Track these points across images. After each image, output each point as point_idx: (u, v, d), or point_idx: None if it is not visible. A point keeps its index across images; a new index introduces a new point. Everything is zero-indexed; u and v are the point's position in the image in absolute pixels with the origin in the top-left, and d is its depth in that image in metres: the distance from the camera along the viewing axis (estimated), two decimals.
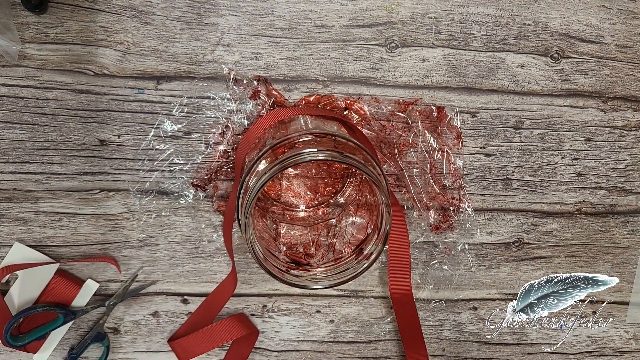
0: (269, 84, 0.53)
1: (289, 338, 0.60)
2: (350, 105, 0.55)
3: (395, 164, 0.56)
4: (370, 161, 0.45)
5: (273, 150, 0.44)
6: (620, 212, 0.61)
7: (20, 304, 0.55)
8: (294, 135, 0.45)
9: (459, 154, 0.57)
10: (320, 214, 0.57)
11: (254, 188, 0.42)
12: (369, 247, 0.48)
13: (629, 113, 0.58)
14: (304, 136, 0.45)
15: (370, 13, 0.53)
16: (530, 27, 0.55)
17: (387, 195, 0.44)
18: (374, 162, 0.45)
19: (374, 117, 0.55)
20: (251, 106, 0.54)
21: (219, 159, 0.55)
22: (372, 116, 0.55)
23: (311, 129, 0.46)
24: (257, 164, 0.44)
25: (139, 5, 0.51)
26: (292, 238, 0.55)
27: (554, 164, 0.59)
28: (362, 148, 0.45)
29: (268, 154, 0.44)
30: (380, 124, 0.55)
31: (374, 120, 0.55)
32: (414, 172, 0.57)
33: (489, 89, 0.56)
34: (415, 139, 0.56)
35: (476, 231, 0.59)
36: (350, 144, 0.45)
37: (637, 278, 0.62)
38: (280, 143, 0.44)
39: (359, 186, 0.56)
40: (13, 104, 0.52)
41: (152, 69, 0.53)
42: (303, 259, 0.53)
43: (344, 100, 0.54)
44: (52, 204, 0.54)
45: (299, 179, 0.57)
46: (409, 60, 0.55)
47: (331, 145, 0.44)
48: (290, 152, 0.43)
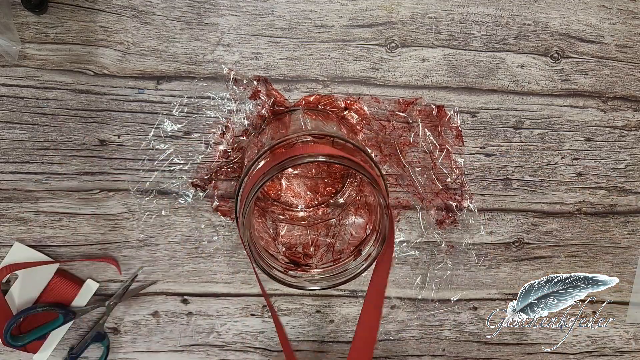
0: (268, 84, 0.53)
1: (289, 338, 0.60)
2: (350, 106, 0.55)
3: (397, 162, 0.56)
4: (368, 162, 0.45)
5: (272, 150, 0.44)
6: (620, 212, 0.61)
7: (20, 304, 0.55)
8: (293, 136, 0.45)
9: (459, 152, 0.57)
10: (320, 214, 0.57)
11: (252, 188, 0.42)
12: (368, 248, 0.48)
13: (629, 113, 0.58)
14: (303, 137, 0.45)
15: (370, 13, 0.53)
16: (530, 27, 0.55)
17: (385, 197, 0.44)
18: (372, 163, 0.45)
19: (374, 117, 0.55)
20: (251, 106, 0.54)
21: (219, 159, 0.55)
22: (372, 116, 0.55)
23: (310, 130, 0.46)
24: (255, 164, 0.44)
25: (139, 5, 0.51)
26: (291, 238, 0.55)
27: (554, 164, 0.59)
28: (361, 149, 0.45)
29: (267, 154, 0.44)
30: (380, 124, 0.55)
31: (374, 120, 0.55)
32: (416, 170, 0.57)
33: (489, 89, 0.56)
34: (416, 138, 0.56)
35: (480, 227, 0.59)
36: (349, 145, 0.45)
37: (637, 278, 0.62)
38: (279, 143, 0.44)
39: (358, 186, 0.56)
40: (13, 104, 0.52)
41: (152, 69, 0.53)
42: (302, 260, 0.53)
43: (344, 101, 0.54)
44: (52, 204, 0.54)
45: (299, 179, 0.57)
46: (409, 60, 0.55)
47: (330, 147, 0.44)
48: (289, 153, 0.42)
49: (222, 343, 0.60)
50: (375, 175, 0.44)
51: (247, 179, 0.44)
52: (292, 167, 0.43)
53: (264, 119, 0.54)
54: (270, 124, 0.53)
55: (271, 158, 0.44)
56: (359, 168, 0.43)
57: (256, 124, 0.54)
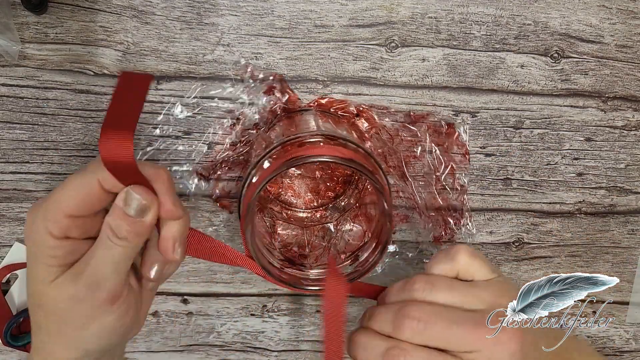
0: (284, 81, 0.53)
1: (289, 338, 0.60)
2: (362, 113, 0.54)
3: (401, 175, 0.56)
4: (377, 170, 0.45)
5: (283, 146, 0.44)
6: (620, 212, 0.61)
7: (20, 304, 0.55)
8: (306, 134, 0.44)
9: (464, 170, 0.57)
10: (318, 216, 0.57)
11: (260, 183, 0.42)
12: (365, 254, 0.48)
13: (629, 113, 0.58)
14: (315, 137, 0.44)
15: (370, 13, 0.53)
16: (530, 27, 0.55)
17: (390, 206, 0.44)
18: (381, 171, 0.45)
19: (384, 127, 0.55)
20: (264, 101, 0.54)
21: (225, 151, 0.54)
22: (382, 126, 0.55)
23: (323, 131, 0.46)
24: (264, 159, 0.44)
25: (139, 5, 0.51)
26: (287, 237, 0.55)
27: (554, 164, 0.59)
28: (371, 156, 0.45)
29: (277, 150, 0.44)
30: (389, 134, 0.55)
31: (383, 130, 0.55)
32: (419, 184, 0.57)
33: (489, 88, 0.56)
34: (423, 152, 0.56)
35: (483, 226, 0.59)
36: (360, 150, 0.45)
37: (637, 278, 0.62)
38: (290, 140, 0.44)
39: (359, 194, 0.56)
40: (13, 104, 0.52)
41: (152, 69, 0.53)
42: (297, 259, 0.53)
43: (357, 107, 0.54)
44: None
45: (301, 179, 0.57)
46: (409, 60, 0.55)
47: (343, 150, 0.44)
48: (300, 151, 0.42)
49: (222, 343, 0.60)
50: (383, 183, 0.44)
51: (255, 172, 0.44)
52: (300, 165, 0.42)
53: (276, 116, 0.54)
54: (281, 121, 0.53)
55: (281, 154, 0.43)
56: (370, 174, 0.42)
57: (267, 119, 0.54)
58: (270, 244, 0.53)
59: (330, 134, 0.45)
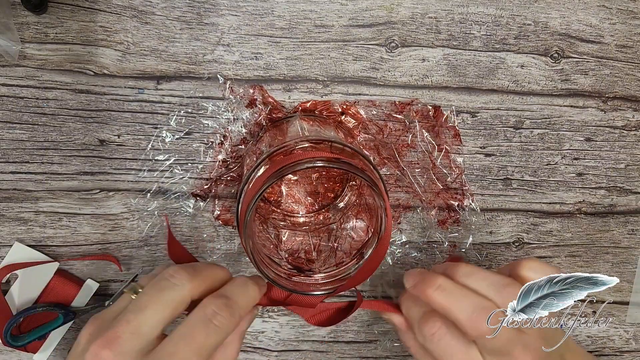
0: (264, 91, 0.53)
1: (289, 338, 0.60)
2: (346, 110, 0.55)
3: (396, 164, 0.56)
4: (367, 165, 0.45)
5: (270, 158, 0.44)
6: (620, 212, 0.61)
7: (20, 304, 0.55)
8: (291, 142, 0.45)
9: (458, 151, 0.57)
10: (321, 219, 0.57)
11: (253, 197, 0.42)
12: (369, 250, 0.48)
13: (629, 113, 0.58)
14: (301, 143, 0.45)
15: (370, 13, 0.53)
16: (530, 27, 0.55)
17: (385, 199, 0.44)
18: (371, 166, 0.45)
19: (370, 121, 0.55)
20: (248, 114, 0.54)
21: (218, 169, 0.55)
22: (368, 119, 0.55)
23: (308, 136, 0.46)
24: (255, 172, 0.44)
25: (139, 5, 0.51)
26: (293, 244, 0.55)
27: (554, 164, 0.59)
28: (359, 152, 0.45)
29: (266, 162, 0.44)
30: (377, 126, 0.55)
31: (371, 124, 0.55)
32: (415, 171, 0.57)
33: (489, 88, 0.56)
34: (414, 139, 0.56)
35: (483, 226, 0.59)
36: (347, 149, 0.45)
37: (637, 278, 0.62)
38: (277, 150, 0.44)
39: (358, 189, 0.56)
40: (13, 104, 0.52)
41: (152, 69, 0.53)
42: (305, 265, 0.53)
43: (341, 105, 0.54)
44: (52, 204, 0.54)
45: (299, 185, 0.57)
46: (408, 60, 0.55)
47: (328, 151, 0.44)
48: (287, 160, 0.42)
49: None
50: (374, 177, 0.44)
51: (247, 187, 0.44)
52: (292, 173, 0.42)
53: (262, 127, 0.54)
54: (268, 131, 0.53)
55: (270, 165, 0.44)
56: (357, 171, 0.43)
57: (254, 132, 0.54)
58: (277, 255, 0.53)
59: (315, 138, 0.45)
